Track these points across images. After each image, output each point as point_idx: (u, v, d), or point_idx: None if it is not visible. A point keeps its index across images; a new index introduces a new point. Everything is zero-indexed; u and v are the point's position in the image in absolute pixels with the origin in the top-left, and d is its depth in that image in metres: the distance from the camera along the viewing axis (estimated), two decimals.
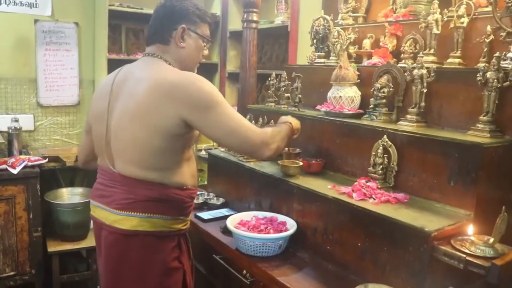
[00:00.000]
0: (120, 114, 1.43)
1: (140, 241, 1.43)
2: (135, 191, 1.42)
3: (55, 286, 2.77)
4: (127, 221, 1.41)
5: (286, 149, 2.01)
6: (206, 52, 1.63)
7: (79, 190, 3.07)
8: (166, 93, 1.37)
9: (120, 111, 1.44)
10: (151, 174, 1.42)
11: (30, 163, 2.66)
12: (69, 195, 3.01)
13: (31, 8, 3.21)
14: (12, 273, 2.65)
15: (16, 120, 2.93)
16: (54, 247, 2.76)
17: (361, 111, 1.95)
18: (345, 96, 1.97)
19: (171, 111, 1.36)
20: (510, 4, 1.61)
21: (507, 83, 1.49)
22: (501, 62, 1.53)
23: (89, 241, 2.87)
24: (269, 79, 2.41)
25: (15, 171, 2.57)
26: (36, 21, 3.24)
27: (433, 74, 1.67)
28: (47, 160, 2.83)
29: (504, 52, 1.59)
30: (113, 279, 1.49)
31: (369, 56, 2.16)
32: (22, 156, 2.74)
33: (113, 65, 3.16)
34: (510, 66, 1.53)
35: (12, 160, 2.65)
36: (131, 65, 1.54)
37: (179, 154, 1.47)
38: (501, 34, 1.63)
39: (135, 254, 1.43)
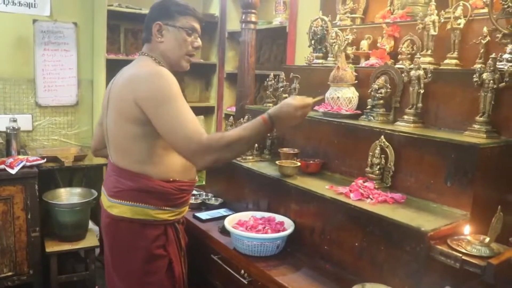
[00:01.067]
0: (110, 110, 1.58)
1: (126, 226, 1.55)
2: (122, 181, 1.55)
3: (53, 286, 2.77)
4: (115, 208, 1.56)
5: (285, 149, 2.02)
6: (197, 43, 1.62)
7: (77, 190, 3.06)
8: (128, 81, 1.50)
9: (110, 107, 1.58)
10: (136, 166, 1.53)
11: (28, 163, 2.66)
12: (67, 195, 3.01)
13: (29, 8, 3.21)
14: (10, 273, 2.65)
15: (15, 120, 2.93)
16: (52, 247, 2.75)
17: (358, 111, 1.96)
18: (343, 97, 1.98)
19: (129, 97, 1.47)
20: (506, 6, 1.62)
21: (503, 84, 1.51)
22: (497, 63, 1.54)
23: (88, 241, 2.87)
24: (268, 79, 2.41)
25: (13, 171, 2.57)
26: (34, 21, 3.24)
27: (430, 75, 1.69)
28: (45, 160, 2.83)
29: (500, 54, 1.60)
30: (111, 259, 1.63)
31: (367, 57, 2.17)
32: (21, 156, 2.74)
33: (111, 65, 3.18)
34: (506, 67, 1.55)
35: (10, 160, 2.64)
36: (127, 66, 1.64)
37: (158, 143, 1.50)
38: (497, 35, 1.64)
39: (122, 237, 1.58)
